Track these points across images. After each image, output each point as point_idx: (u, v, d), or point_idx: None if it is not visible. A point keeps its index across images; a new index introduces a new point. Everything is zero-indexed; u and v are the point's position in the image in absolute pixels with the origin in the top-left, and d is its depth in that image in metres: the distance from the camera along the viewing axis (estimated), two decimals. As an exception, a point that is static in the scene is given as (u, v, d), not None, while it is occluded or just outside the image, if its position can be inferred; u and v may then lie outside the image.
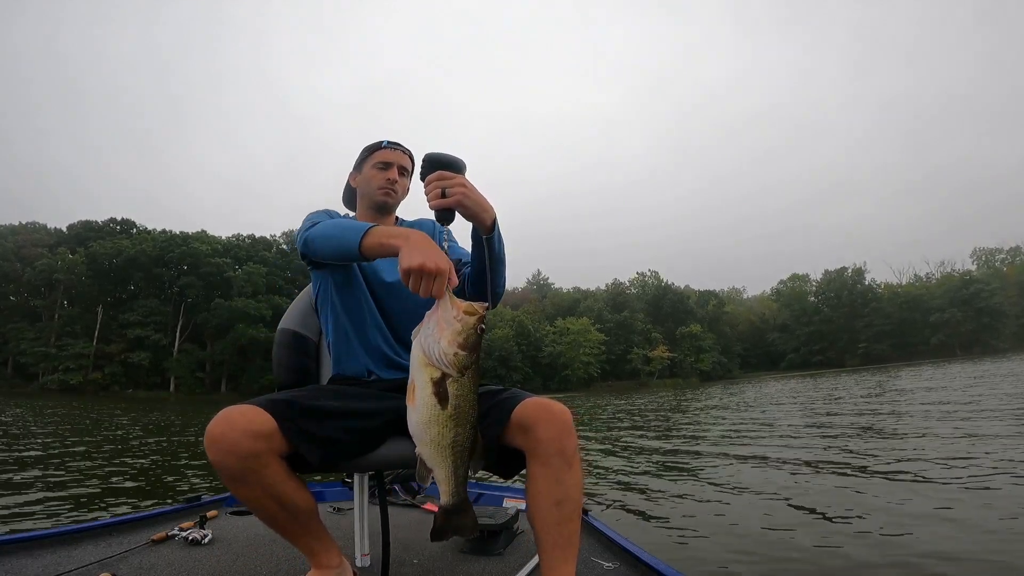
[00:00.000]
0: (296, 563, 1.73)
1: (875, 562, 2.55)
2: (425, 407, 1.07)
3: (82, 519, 3.70)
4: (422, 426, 1.08)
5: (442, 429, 1.07)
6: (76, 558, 1.72)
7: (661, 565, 1.58)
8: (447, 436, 1.07)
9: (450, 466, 1.09)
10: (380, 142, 1.65)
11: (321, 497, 2.80)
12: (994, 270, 73.53)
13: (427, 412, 1.07)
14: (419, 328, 1.10)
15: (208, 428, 1.12)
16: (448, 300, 1.09)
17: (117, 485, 5.18)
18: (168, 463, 6.76)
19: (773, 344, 75.10)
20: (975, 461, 4.50)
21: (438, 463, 1.09)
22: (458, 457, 1.09)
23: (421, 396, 1.07)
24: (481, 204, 1.27)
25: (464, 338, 1.06)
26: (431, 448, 1.08)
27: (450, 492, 1.11)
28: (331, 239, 1.34)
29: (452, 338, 1.05)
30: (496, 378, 48.22)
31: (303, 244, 1.42)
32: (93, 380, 43.65)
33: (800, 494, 3.89)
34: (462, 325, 1.06)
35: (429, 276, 1.08)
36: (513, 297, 72.25)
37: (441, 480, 1.11)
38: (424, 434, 1.08)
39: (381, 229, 1.24)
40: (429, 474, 1.11)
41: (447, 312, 1.07)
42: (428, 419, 1.07)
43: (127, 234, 53.00)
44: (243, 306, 46.04)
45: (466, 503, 1.14)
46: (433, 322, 1.08)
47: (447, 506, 1.12)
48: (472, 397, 1.09)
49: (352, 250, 1.26)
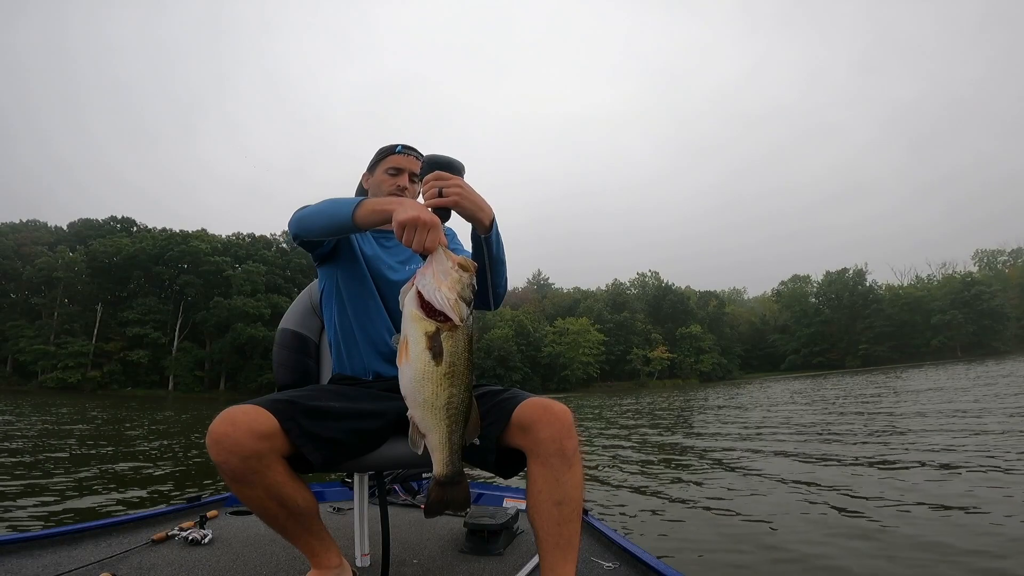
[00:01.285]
0: (296, 563, 1.73)
1: (875, 562, 2.55)
2: (419, 361, 1.02)
3: (82, 519, 3.70)
4: (415, 384, 1.03)
5: (436, 388, 1.02)
6: (76, 558, 1.72)
7: (661, 565, 1.58)
8: (441, 396, 1.03)
9: (444, 431, 1.05)
10: (394, 146, 1.65)
11: (321, 497, 2.80)
12: (996, 272, 73.52)
13: (421, 367, 1.02)
14: (409, 286, 1.08)
15: (211, 428, 1.13)
16: (443, 253, 1.08)
17: (117, 485, 5.18)
18: (168, 463, 6.75)
19: (773, 345, 75.06)
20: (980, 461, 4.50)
21: (432, 426, 1.05)
22: (453, 421, 1.05)
23: (415, 351, 1.03)
24: (478, 204, 1.27)
25: (462, 287, 1.05)
26: (424, 410, 1.04)
27: (443, 461, 1.07)
28: (322, 214, 1.34)
29: (452, 284, 1.04)
30: (495, 378, 48.20)
31: (295, 224, 1.41)
32: (92, 378, 43.68)
33: (801, 494, 3.89)
34: (459, 275, 1.05)
35: (423, 228, 1.08)
36: (513, 297, 72.26)
37: (434, 447, 1.07)
38: (417, 393, 1.04)
39: (373, 199, 1.26)
40: (422, 440, 1.07)
41: (443, 263, 1.07)
42: (422, 376, 1.02)
43: (127, 232, 53.03)
44: (242, 305, 46.06)
45: (461, 475, 1.10)
46: (430, 272, 1.06)
47: (440, 477, 1.08)
48: (466, 356, 1.05)
49: (345, 220, 1.26)
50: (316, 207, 1.37)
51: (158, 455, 7.46)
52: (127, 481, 5.39)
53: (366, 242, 1.61)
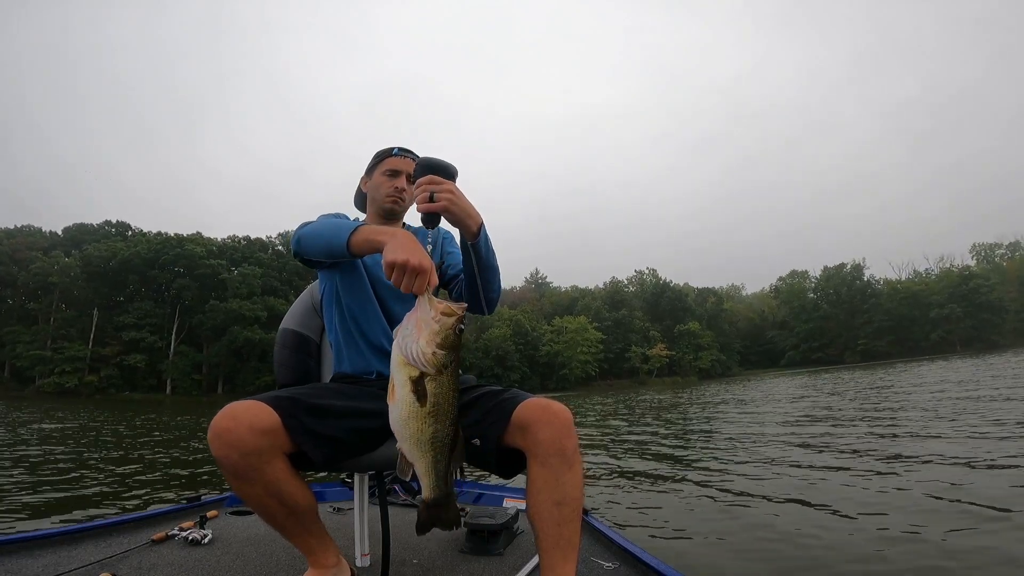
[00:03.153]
0: (296, 563, 1.73)
1: (877, 562, 2.56)
2: (404, 404, 1.09)
3: (82, 519, 3.70)
4: (401, 423, 1.10)
5: (421, 425, 1.09)
6: (76, 558, 1.72)
7: (661, 565, 1.58)
8: (426, 432, 1.09)
9: (430, 461, 1.11)
10: (391, 149, 1.67)
11: (321, 497, 2.80)
12: (994, 265, 73.69)
13: (406, 409, 1.09)
14: (399, 328, 1.12)
15: (212, 423, 1.13)
16: (427, 300, 1.11)
17: (117, 485, 5.17)
18: (167, 464, 6.74)
19: (772, 341, 75.24)
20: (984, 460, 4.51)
21: (418, 458, 1.11)
22: (438, 452, 1.11)
23: (400, 394, 1.10)
24: (467, 211, 1.29)
25: (442, 338, 1.08)
26: (410, 444, 1.11)
27: (431, 486, 1.13)
28: (320, 237, 1.37)
29: (430, 338, 1.08)
30: (493, 377, 48.20)
31: (296, 243, 1.45)
32: (88, 383, 43.52)
33: (802, 494, 3.89)
34: (440, 326, 1.08)
35: (411, 272, 1.11)
36: (511, 296, 72.26)
37: (422, 474, 1.13)
38: (404, 430, 1.10)
39: (369, 227, 1.28)
40: (410, 468, 1.13)
41: (425, 312, 1.10)
42: (407, 416, 1.09)
43: (122, 237, 52.85)
44: (238, 308, 45.95)
45: (449, 498, 1.15)
46: (412, 322, 1.10)
47: (428, 500, 1.14)
48: (450, 395, 1.11)
49: (340, 247, 1.29)
50: (315, 228, 1.40)
51: (157, 456, 7.44)
52: (127, 482, 5.39)
53: None
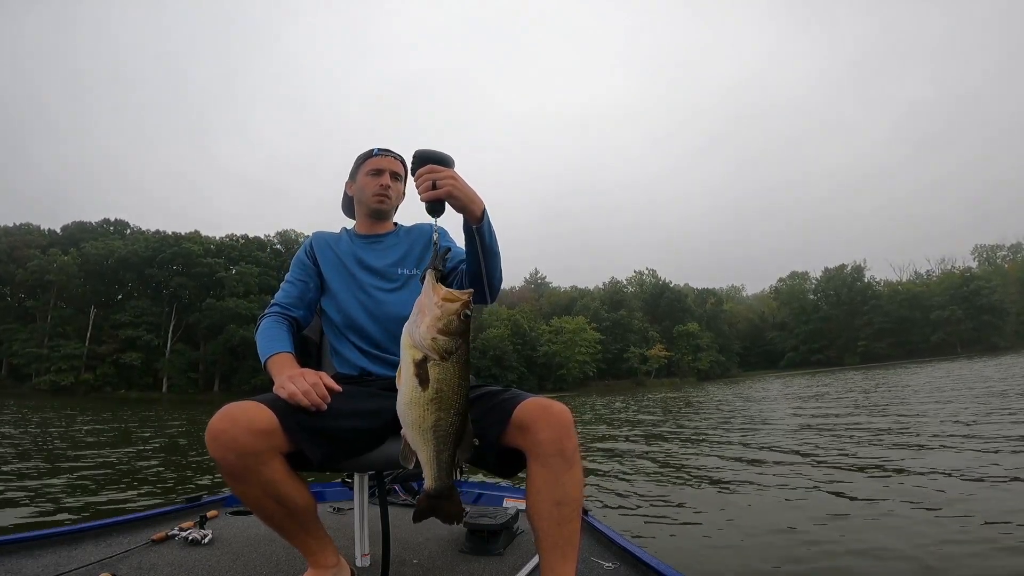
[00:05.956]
0: (295, 563, 1.73)
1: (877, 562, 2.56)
2: (406, 387, 1.10)
3: (82, 519, 3.69)
4: (403, 407, 1.11)
5: (423, 412, 1.09)
6: (76, 558, 1.73)
7: (661, 565, 1.59)
8: (428, 419, 1.09)
9: (431, 450, 1.10)
10: (371, 150, 1.70)
11: (321, 497, 2.80)
12: (995, 267, 73.62)
13: (408, 393, 1.10)
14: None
15: (210, 424, 1.13)
16: (431, 286, 1.11)
17: (116, 485, 5.17)
18: (167, 463, 6.73)
19: (772, 343, 75.16)
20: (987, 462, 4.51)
21: (419, 446, 1.11)
22: (440, 442, 1.10)
23: (404, 376, 1.11)
24: (470, 195, 1.30)
25: (444, 324, 1.08)
26: (412, 430, 1.11)
27: (432, 476, 1.12)
28: (258, 343, 1.49)
29: (431, 323, 1.08)
30: (491, 377, 48.05)
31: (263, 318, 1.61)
32: (85, 381, 43.36)
33: (801, 493, 3.91)
34: (441, 311, 1.09)
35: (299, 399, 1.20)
36: (509, 296, 72.13)
37: (424, 463, 1.12)
38: (406, 415, 1.11)
39: (272, 362, 1.40)
40: (412, 456, 1.12)
41: (429, 298, 1.10)
42: (409, 400, 1.09)
43: (120, 235, 52.73)
44: (235, 306, 45.79)
45: (450, 490, 1.15)
46: (417, 307, 1.12)
47: (429, 491, 1.14)
48: (456, 383, 1.10)
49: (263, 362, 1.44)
50: (259, 334, 1.53)
51: (156, 456, 7.43)
52: (126, 481, 5.38)
53: (358, 247, 1.67)
